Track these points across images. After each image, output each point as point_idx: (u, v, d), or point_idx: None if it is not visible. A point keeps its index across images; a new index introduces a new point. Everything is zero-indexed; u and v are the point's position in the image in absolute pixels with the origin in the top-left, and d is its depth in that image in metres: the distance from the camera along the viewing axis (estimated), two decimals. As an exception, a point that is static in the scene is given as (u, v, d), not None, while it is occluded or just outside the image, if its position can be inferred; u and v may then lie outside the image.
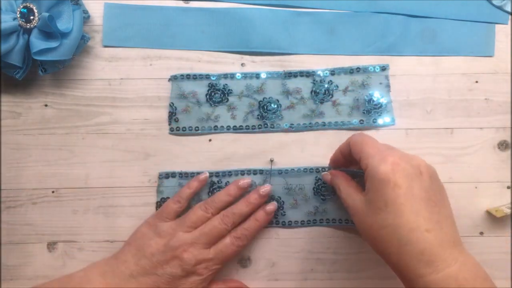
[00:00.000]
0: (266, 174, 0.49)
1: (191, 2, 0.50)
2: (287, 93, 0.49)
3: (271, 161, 0.49)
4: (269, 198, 0.48)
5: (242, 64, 0.50)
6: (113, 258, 0.45)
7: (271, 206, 0.47)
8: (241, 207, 0.46)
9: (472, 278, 0.33)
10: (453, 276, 0.32)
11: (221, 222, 0.44)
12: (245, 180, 0.47)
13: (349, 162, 0.44)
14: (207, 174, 0.48)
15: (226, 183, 0.49)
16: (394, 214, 0.34)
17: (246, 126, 0.49)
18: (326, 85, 0.50)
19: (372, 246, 0.37)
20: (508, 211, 0.47)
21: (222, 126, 0.49)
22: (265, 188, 0.47)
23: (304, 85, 0.50)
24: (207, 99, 0.49)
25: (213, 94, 0.49)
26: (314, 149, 0.50)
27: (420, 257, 0.33)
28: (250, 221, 0.46)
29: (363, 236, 0.38)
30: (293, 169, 0.49)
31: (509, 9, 0.50)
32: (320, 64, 0.50)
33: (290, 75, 0.49)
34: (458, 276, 0.32)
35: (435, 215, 0.34)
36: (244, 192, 0.47)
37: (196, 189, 0.47)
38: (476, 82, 0.50)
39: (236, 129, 0.49)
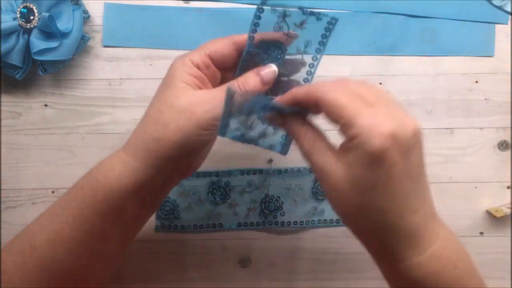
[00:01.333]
0: (266, 174, 0.49)
1: (191, 2, 0.50)
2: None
3: (271, 161, 0.49)
4: (269, 198, 0.48)
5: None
6: None
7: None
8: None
9: (455, 255, 0.31)
10: (436, 256, 0.30)
11: None
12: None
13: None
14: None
15: (226, 183, 0.49)
16: (383, 197, 0.28)
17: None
18: None
19: (350, 228, 0.31)
20: (508, 211, 0.47)
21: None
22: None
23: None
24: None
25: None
26: (314, 149, 0.50)
27: (405, 240, 0.29)
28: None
29: (340, 216, 0.32)
30: (292, 169, 0.49)
31: (509, 9, 0.50)
32: (320, 64, 0.50)
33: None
34: (441, 255, 0.31)
35: (422, 191, 0.30)
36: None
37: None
38: (476, 82, 0.50)
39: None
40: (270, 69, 0.35)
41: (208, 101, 0.33)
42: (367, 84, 0.30)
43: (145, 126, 0.34)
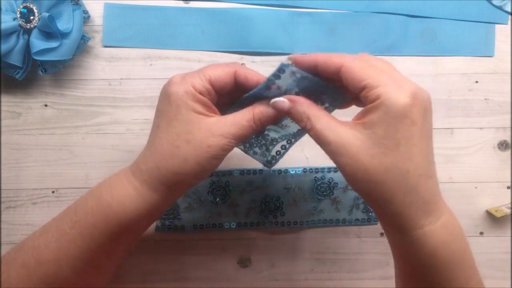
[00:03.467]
0: (266, 174, 0.49)
1: (191, 2, 0.50)
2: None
3: (271, 161, 0.49)
4: (269, 198, 0.48)
5: (242, 64, 0.50)
6: None
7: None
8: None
9: (459, 229, 0.33)
10: (446, 225, 0.31)
11: None
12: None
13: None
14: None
15: (226, 183, 0.49)
16: (405, 156, 0.29)
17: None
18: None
19: (367, 193, 0.31)
20: (508, 211, 0.47)
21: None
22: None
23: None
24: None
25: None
26: (314, 149, 0.49)
27: (423, 207, 0.30)
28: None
29: (360, 185, 0.31)
30: (292, 169, 0.49)
31: (509, 9, 0.50)
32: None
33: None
34: (448, 224, 0.32)
35: (432, 156, 0.31)
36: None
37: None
38: (476, 82, 0.50)
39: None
40: (284, 101, 0.34)
41: (221, 135, 0.33)
42: (381, 59, 0.32)
43: (160, 159, 0.34)
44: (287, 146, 0.40)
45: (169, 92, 0.34)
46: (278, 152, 0.40)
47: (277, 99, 0.34)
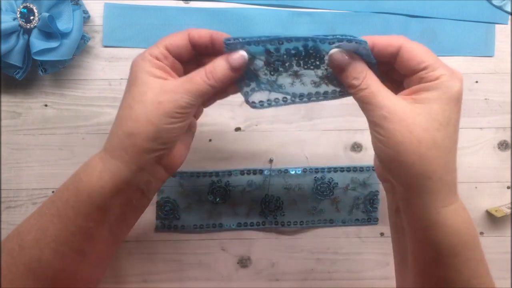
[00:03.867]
0: (266, 174, 0.49)
1: (191, 2, 0.50)
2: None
3: (271, 161, 0.49)
4: (269, 198, 0.48)
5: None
6: None
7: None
8: None
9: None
10: (463, 205, 0.33)
11: None
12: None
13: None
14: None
15: (226, 183, 0.49)
16: (451, 136, 0.31)
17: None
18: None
19: (410, 165, 0.31)
20: (508, 211, 0.47)
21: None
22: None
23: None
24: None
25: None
26: (314, 149, 0.50)
27: (452, 186, 0.32)
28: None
29: (402, 151, 0.30)
30: (292, 169, 0.49)
31: (509, 9, 0.50)
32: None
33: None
34: (463, 204, 0.33)
35: None
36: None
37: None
38: (476, 82, 0.50)
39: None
40: (239, 54, 0.34)
41: (172, 91, 0.33)
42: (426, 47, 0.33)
43: (118, 124, 0.34)
44: (286, 100, 0.36)
45: (132, 63, 0.35)
46: (276, 100, 0.36)
47: (335, 50, 0.32)
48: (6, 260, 0.35)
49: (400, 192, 0.34)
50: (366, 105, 0.32)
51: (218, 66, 0.34)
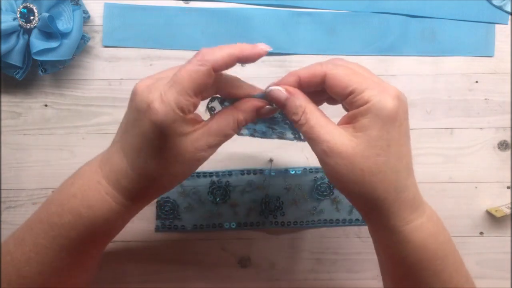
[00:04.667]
0: (266, 174, 0.49)
1: (191, 2, 0.50)
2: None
3: (271, 161, 0.49)
4: (269, 198, 0.48)
5: (242, 64, 0.50)
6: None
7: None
8: None
9: (439, 218, 0.34)
10: (430, 219, 0.33)
11: None
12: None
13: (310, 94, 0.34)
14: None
15: (226, 183, 0.49)
16: (396, 157, 0.30)
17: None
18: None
19: (359, 194, 0.31)
20: (508, 211, 0.47)
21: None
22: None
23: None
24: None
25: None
26: (314, 149, 0.50)
27: (411, 203, 0.31)
28: None
29: (347, 182, 0.31)
30: (292, 169, 0.49)
31: (509, 9, 0.50)
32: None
33: None
34: (433, 217, 0.33)
35: (411, 153, 0.33)
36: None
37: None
38: (476, 82, 0.50)
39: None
40: (268, 108, 0.34)
41: (208, 146, 0.32)
42: (356, 63, 0.33)
43: (150, 177, 0.32)
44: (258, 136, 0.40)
45: (155, 121, 0.30)
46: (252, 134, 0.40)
47: (273, 87, 0.32)
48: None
49: (361, 215, 0.34)
50: (309, 140, 0.32)
51: (250, 119, 0.33)
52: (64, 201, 0.34)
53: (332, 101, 0.35)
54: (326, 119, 0.32)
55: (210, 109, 0.35)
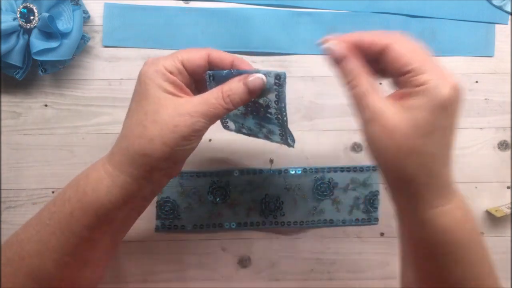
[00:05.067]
0: (266, 174, 0.49)
1: (191, 2, 0.50)
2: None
3: (271, 161, 0.49)
4: (269, 198, 0.48)
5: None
6: None
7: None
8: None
9: (470, 209, 0.33)
10: (458, 207, 0.32)
11: None
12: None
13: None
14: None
15: (226, 183, 0.49)
16: (437, 144, 0.30)
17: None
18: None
19: (389, 168, 0.31)
20: (508, 211, 0.47)
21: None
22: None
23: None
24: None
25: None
26: (314, 149, 0.50)
27: (440, 190, 0.31)
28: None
29: (386, 159, 0.31)
30: (292, 169, 0.49)
31: (509, 9, 0.50)
32: (320, 64, 0.50)
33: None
34: (461, 206, 0.33)
35: (453, 146, 0.32)
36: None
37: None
38: (476, 82, 0.50)
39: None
40: (256, 77, 0.34)
41: (188, 113, 0.33)
42: (420, 44, 0.32)
43: (129, 140, 0.33)
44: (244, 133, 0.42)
45: (141, 72, 0.34)
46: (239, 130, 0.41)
47: (332, 42, 0.32)
48: (5, 270, 0.34)
49: (389, 189, 0.34)
50: (355, 105, 0.32)
51: (236, 90, 0.33)
52: (70, 183, 0.36)
53: (383, 74, 0.34)
54: (376, 89, 0.31)
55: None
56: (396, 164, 0.31)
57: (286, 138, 0.38)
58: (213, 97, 0.33)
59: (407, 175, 0.31)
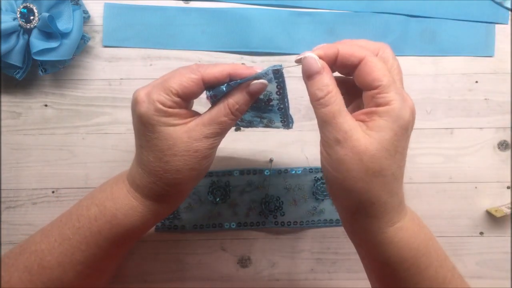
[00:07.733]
0: (266, 174, 0.49)
1: (191, 2, 0.50)
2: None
3: (271, 161, 0.49)
4: (269, 198, 0.48)
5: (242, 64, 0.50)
6: None
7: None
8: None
9: (420, 218, 0.35)
10: (411, 219, 0.34)
11: None
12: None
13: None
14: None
15: (226, 183, 0.49)
16: (397, 165, 0.31)
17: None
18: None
19: (354, 191, 0.31)
20: (508, 211, 0.47)
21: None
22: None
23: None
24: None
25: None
26: (314, 149, 0.50)
27: (398, 206, 0.33)
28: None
29: (352, 180, 0.31)
30: (292, 169, 0.49)
31: (509, 6, 0.50)
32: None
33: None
34: (414, 217, 0.34)
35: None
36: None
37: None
38: (476, 82, 0.50)
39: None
40: (256, 82, 0.34)
41: (203, 136, 0.34)
42: (395, 57, 0.33)
43: (156, 175, 0.34)
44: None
45: (139, 113, 0.33)
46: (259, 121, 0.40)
47: (309, 54, 0.32)
48: (22, 277, 0.36)
49: (344, 214, 0.35)
50: (324, 124, 0.31)
51: (242, 101, 0.34)
52: (94, 195, 0.37)
53: (352, 89, 0.34)
54: (345, 108, 0.31)
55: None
56: (363, 186, 0.31)
57: (288, 123, 0.38)
58: (222, 114, 0.34)
59: (373, 196, 0.31)
